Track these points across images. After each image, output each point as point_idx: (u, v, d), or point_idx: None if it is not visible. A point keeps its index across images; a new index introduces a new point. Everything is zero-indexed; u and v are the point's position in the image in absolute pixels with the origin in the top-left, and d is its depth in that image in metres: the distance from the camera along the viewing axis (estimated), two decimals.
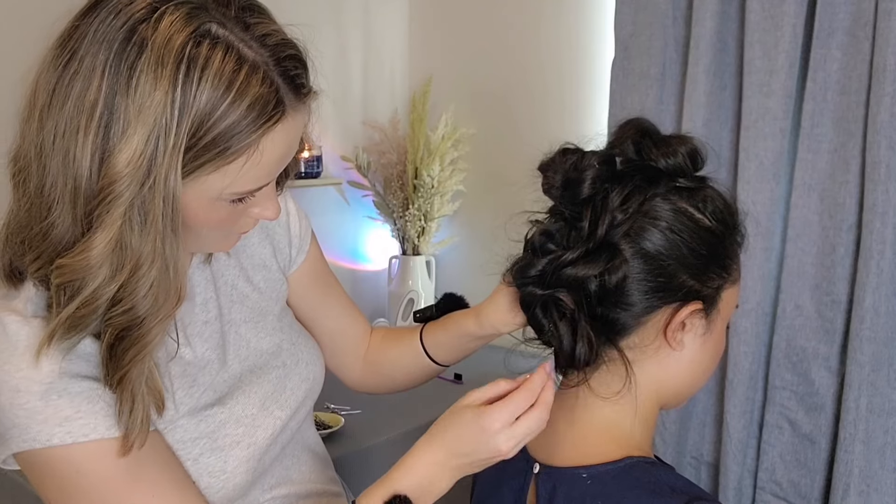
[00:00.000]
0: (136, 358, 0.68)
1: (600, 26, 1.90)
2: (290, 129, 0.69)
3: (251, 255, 0.92)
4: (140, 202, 0.63)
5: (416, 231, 2.25)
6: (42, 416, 0.67)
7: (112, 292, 0.66)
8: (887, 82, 1.29)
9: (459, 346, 0.99)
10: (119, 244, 0.64)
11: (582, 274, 0.71)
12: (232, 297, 0.88)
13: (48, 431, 0.67)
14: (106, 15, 0.63)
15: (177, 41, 0.62)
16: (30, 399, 0.67)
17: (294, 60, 0.68)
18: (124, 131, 0.62)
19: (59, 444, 0.68)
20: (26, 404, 0.67)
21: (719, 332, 0.78)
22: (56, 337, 0.67)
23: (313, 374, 0.93)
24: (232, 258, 0.89)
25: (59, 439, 0.68)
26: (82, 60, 0.63)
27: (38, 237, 0.67)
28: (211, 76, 0.62)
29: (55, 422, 0.67)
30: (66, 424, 0.68)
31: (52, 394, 0.68)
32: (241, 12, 0.66)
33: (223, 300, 0.87)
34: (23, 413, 0.67)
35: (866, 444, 1.38)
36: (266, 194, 0.73)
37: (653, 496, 0.70)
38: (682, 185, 0.73)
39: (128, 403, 0.69)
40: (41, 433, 0.67)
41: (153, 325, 0.68)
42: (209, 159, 0.65)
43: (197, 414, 0.79)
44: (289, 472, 0.91)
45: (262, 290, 0.91)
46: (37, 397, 0.67)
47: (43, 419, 0.67)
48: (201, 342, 0.82)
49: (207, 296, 0.85)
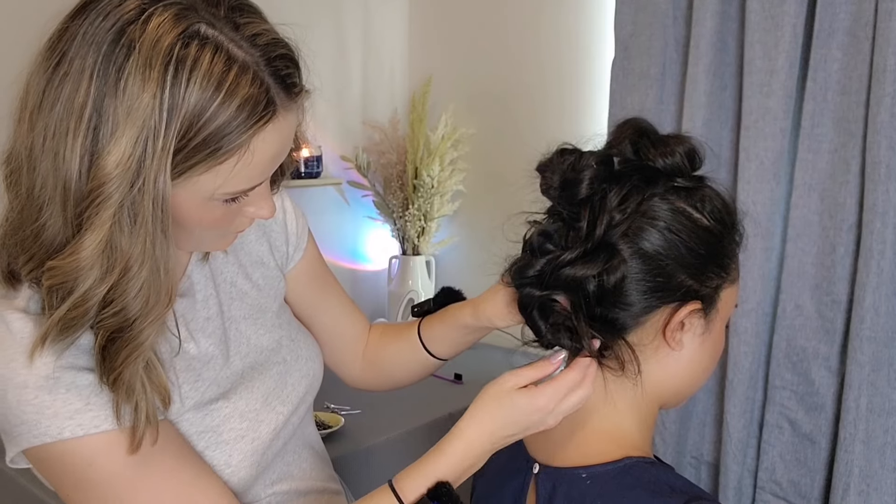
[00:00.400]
0: (129, 359, 0.68)
1: (600, 26, 1.90)
2: (282, 129, 0.69)
3: (249, 253, 0.92)
4: (129, 203, 0.64)
5: (416, 231, 2.25)
6: (51, 411, 0.68)
7: (102, 294, 0.66)
8: (887, 82, 1.29)
9: (456, 339, 0.99)
10: (109, 246, 0.64)
11: (580, 274, 0.71)
12: (231, 294, 0.88)
13: (59, 425, 0.68)
14: (95, 17, 0.63)
15: (165, 42, 0.62)
16: (38, 394, 0.68)
17: (285, 60, 0.68)
18: (113, 133, 0.62)
19: (70, 436, 0.68)
20: (34, 400, 0.68)
21: (718, 332, 0.78)
22: (49, 338, 0.67)
23: (313, 370, 0.94)
24: (230, 255, 0.90)
25: (70, 432, 0.68)
26: (72, 62, 0.63)
27: (29, 239, 0.67)
28: (200, 77, 0.62)
29: (66, 415, 0.68)
30: (77, 417, 0.68)
31: (61, 387, 0.68)
32: (230, 12, 0.66)
33: (223, 297, 0.87)
34: (31, 409, 0.68)
35: (866, 444, 1.38)
36: (260, 193, 0.74)
37: (652, 496, 0.70)
38: (680, 184, 0.72)
39: (126, 403, 0.69)
40: (51, 427, 0.68)
41: (144, 326, 0.68)
42: (200, 160, 0.65)
43: (202, 408, 0.80)
44: (290, 468, 0.91)
45: (260, 287, 0.92)
46: (45, 392, 0.68)
47: (53, 413, 0.68)
48: (204, 338, 0.83)
49: (208, 293, 0.85)
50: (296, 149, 0.79)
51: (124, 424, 0.69)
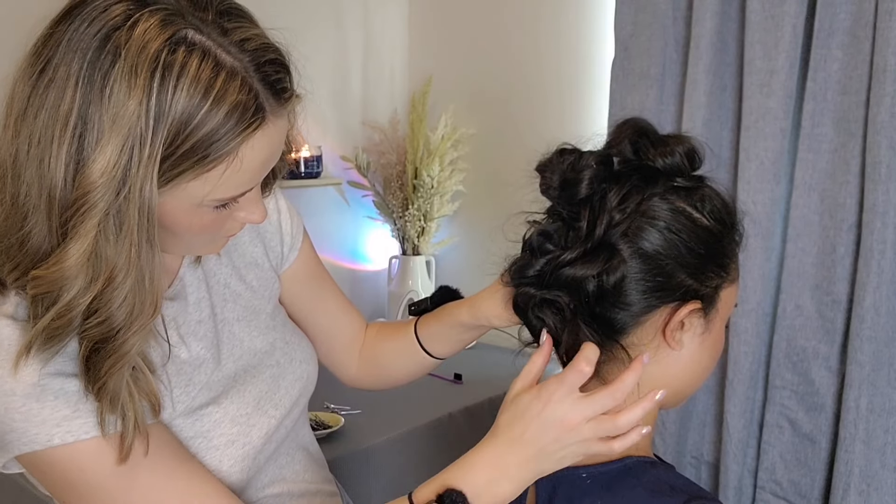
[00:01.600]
0: (113, 369, 0.67)
1: (600, 26, 1.90)
2: (272, 135, 0.68)
3: (243, 254, 0.92)
4: (115, 212, 0.63)
5: (416, 231, 2.25)
6: (40, 418, 0.67)
7: (87, 303, 0.65)
8: (887, 82, 1.29)
9: (453, 337, 0.99)
10: (94, 254, 0.64)
11: (580, 274, 0.71)
12: (224, 296, 0.88)
13: (47, 432, 0.67)
14: (80, 22, 0.62)
15: (151, 48, 0.61)
16: (26, 402, 0.67)
17: (275, 65, 0.67)
18: (98, 141, 0.61)
19: (60, 443, 0.68)
20: (22, 407, 0.67)
21: (718, 332, 0.78)
22: (35, 347, 0.66)
23: (307, 372, 0.93)
24: (224, 257, 0.89)
25: (59, 439, 0.67)
26: (57, 69, 0.62)
27: (14, 247, 0.66)
28: (187, 83, 0.61)
29: (54, 422, 0.67)
30: (66, 424, 0.68)
31: (49, 395, 0.67)
32: (219, 17, 0.65)
33: (216, 299, 0.86)
34: (19, 416, 0.67)
35: (866, 444, 1.38)
36: (251, 199, 0.73)
37: (653, 495, 0.70)
38: (679, 184, 0.72)
39: (111, 411, 0.68)
40: (40, 434, 0.67)
41: (128, 336, 0.67)
42: (188, 167, 0.64)
43: (192, 413, 0.79)
44: (283, 470, 0.91)
45: (254, 289, 0.91)
46: (33, 399, 0.67)
47: (41, 420, 0.67)
48: (196, 341, 0.82)
49: (200, 295, 0.85)
50: (288, 152, 0.79)
51: (109, 432, 0.69)
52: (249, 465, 0.82)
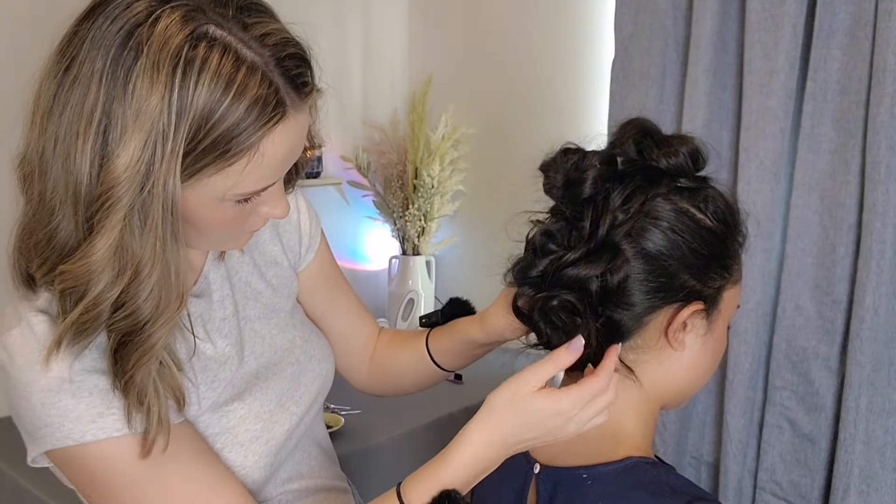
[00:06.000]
0: (140, 362, 0.68)
1: (600, 26, 1.90)
2: (293, 129, 0.69)
3: (263, 252, 0.92)
4: (139, 206, 0.64)
5: (416, 231, 2.25)
6: (75, 414, 0.68)
7: (114, 297, 0.66)
8: (887, 82, 1.29)
9: (465, 353, 0.99)
10: (120, 248, 0.64)
11: (583, 274, 0.71)
12: (246, 294, 0.89)
13: (81, 429, 0.68)
14: (104, 20, 0.63)
15: (173, 44, 0.62)
16: (62, 398, 0.68)
17: (295, 59, 0.68)
18: (122, 136, 0.62)
19: (91, 440, 0.69)
20: (59, 403, 0.68)
21: (720, 333, 0.78)
22: (65, 342, 0.67)
23: (325, 370, 0.94)
24: (245, 255, 0.90)
25: (91, 435, 0.69)
26: (81, 66, 0.63)
27: (42, 242, 0.67)
28: (208, 78, 0.62)
29: (88, 419, 0.68)
30: (100, 420, 0.69)
31: (84, 391, 0.69)
32: (239, 12, 0.66)
33: (238, 297, 0.87)
34: (55, 412, 0.68)
35: (866, 444, 1.38)
36: (273, 193, 0.73)
37: (653, 496, 0.70)
38: (683, 185, 0.72)
39: (138, 405, 0.69)
40: (74, 430, 0.68)
41: (155, 329, 0.68)
42: (210, 162, 0.65)
43: (218, 409, 0.80)
44: (300, 466, 0.92)
45: (274, 287, 0.92)
46: (68, 395, 0.68)
47: (76, 417, 0.68)
48: (220, 338, 0.83)
49: (224, 293, 0.86)
50: (310, 147, 0.79)
51: (135, 428, 0.70)
52: (272, 461, 0.83)
